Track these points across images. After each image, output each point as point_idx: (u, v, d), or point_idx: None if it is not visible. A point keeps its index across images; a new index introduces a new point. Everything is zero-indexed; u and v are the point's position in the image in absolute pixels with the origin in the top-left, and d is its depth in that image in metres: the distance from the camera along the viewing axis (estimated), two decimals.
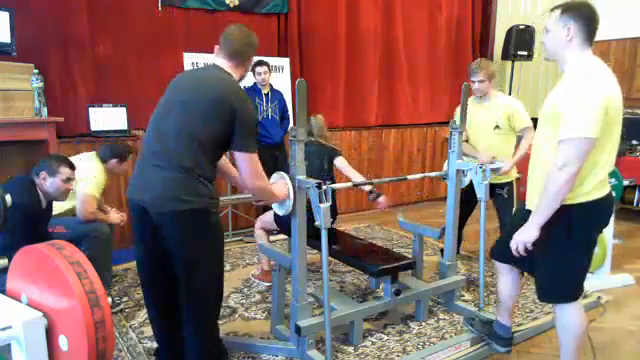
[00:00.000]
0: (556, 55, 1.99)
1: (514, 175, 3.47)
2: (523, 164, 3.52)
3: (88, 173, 3.04)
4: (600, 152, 1.89)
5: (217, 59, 2.11)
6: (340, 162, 3.18)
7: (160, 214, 1.94)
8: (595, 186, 1.93)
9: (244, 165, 2.00)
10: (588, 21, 1.91)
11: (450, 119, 3.07)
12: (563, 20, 1.93)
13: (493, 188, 3.38)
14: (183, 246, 1.98)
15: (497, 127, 3.36)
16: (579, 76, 1.88)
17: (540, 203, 1.93)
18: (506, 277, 2.38)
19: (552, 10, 1.99)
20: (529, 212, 2.06)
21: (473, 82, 3.34)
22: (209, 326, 2.14)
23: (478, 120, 3.41)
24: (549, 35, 1.99)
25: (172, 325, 2.16)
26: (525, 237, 1.97)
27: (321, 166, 3.13)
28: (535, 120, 2.40)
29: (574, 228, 1.96)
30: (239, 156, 2.00)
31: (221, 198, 2.26)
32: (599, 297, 3.23)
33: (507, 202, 3.47)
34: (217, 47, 2.11)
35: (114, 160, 3.19)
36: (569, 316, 2.07)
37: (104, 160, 3.17)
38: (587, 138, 1.80)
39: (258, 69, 4.37)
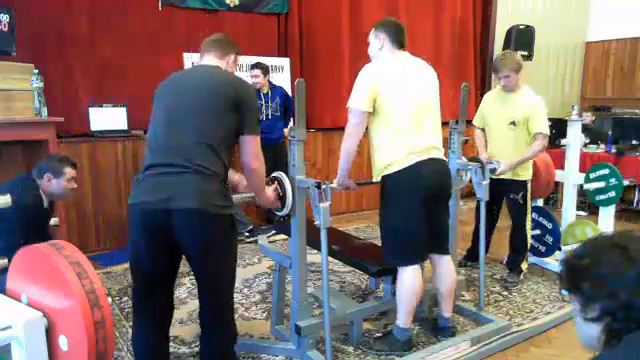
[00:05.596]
0: (377, 59, 2.49)
1: (528, 176, 3.37)
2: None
3: None
4: (386, 128, 2.40)
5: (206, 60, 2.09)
6: None
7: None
8: (393, 162, 2.40)
9: (252, 147, 2.00)
10: (392, 31, 2.46)
11: (451, 119, 3.02)
12: (375, 34, 2.49)
13: (508, 191, 3.37)
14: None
15: (512, 123, 3.28)
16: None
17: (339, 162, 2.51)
18: (435, 269, 2.67)
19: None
20: None
21: (499, 78, 3.31)
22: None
23: (497, 113, 3.37)
24: (370, 46, 2.53)
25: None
26: (335, 182, 2.55)
27: None
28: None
29: (386, 190, 2.47)
30: (249, 139, 1.99)
31: None
32: None
33: (522, 206, 3.39)
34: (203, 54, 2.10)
35: None
36: (401, 276, 2.48)
37: None
38: (356, 110, 2.36)
39: (251, 72, 4.38)
